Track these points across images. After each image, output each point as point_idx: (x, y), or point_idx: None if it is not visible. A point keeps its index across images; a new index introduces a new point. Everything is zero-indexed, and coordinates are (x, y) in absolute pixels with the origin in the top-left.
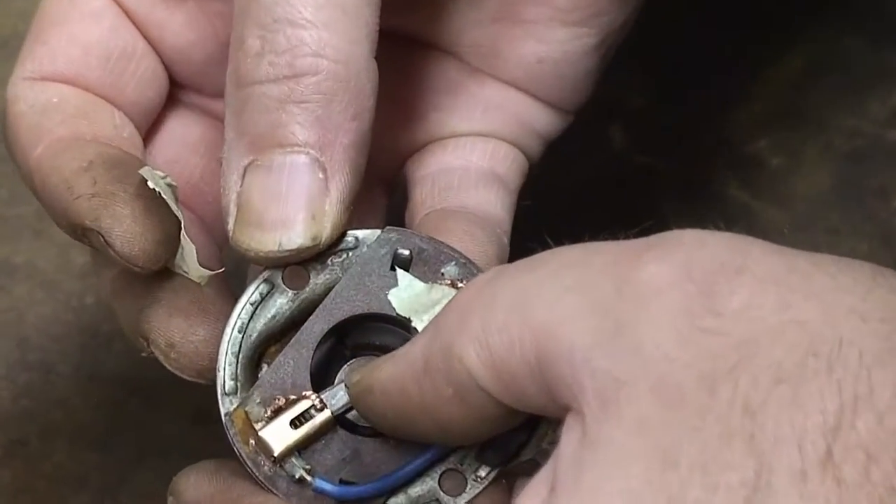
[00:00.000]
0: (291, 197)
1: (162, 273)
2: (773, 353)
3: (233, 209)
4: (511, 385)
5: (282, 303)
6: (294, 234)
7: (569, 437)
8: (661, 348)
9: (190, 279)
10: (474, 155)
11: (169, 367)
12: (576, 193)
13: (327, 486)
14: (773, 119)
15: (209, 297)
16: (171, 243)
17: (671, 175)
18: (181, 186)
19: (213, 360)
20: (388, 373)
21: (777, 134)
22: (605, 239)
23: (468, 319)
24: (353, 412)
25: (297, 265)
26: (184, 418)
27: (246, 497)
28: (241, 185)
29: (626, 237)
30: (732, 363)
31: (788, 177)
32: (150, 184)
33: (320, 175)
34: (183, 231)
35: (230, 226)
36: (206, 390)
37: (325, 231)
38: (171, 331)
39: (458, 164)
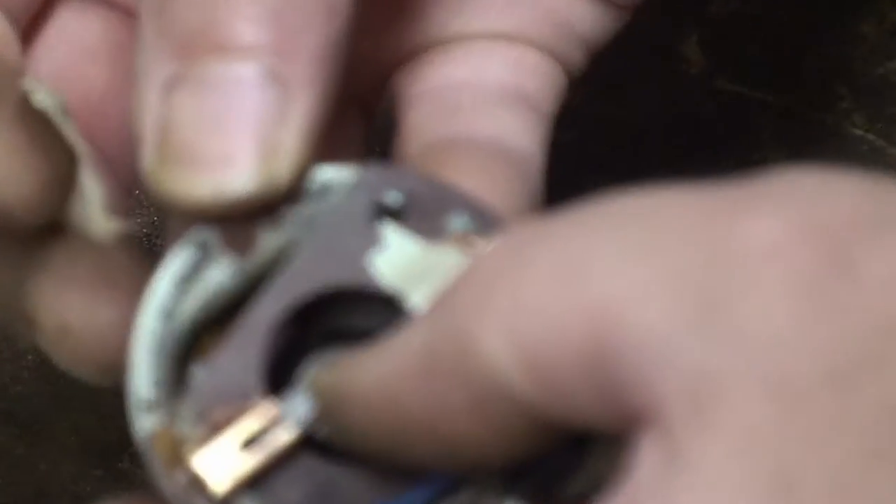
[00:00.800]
0: (235, 122)
1: (51, 230)
2: None
3: (150, 139)
4: (553, 389)
5: (220, 275)
6: (238, 175)
7: (646, 457)
8: (775, 333)
9: (91, 237)
10: (492, 65)
11: (60, 362)
12: (635, 131)
13: None
14: None
15: (119, 264)
16: (64, 186)
17: (768, 108)
18: (74, 107)
19: (124, 354)
20: (372, 373)
21: None
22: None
23: (492, 296)
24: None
25: (240, 221)
26: (75, 453)
27: None
28: (162, 107)
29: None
30: (877, 352)
31: None
32: (37, 101)
33: (276, 92)
34: (84, 167)
35: (146, 162)
36: (105, 410)
37: (283, 171)
38: (65, 309)
39: (470, 77)
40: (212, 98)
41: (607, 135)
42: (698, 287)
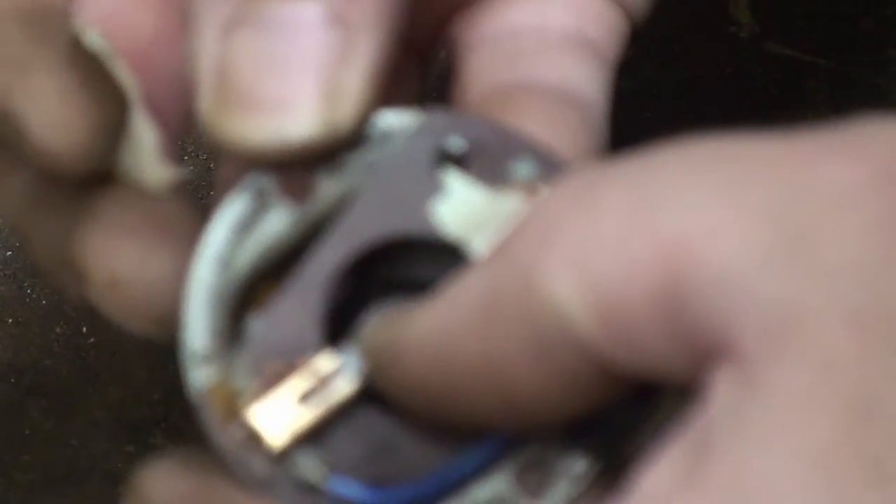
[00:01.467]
0: (296, 65)
1: (101, 177)
2: None
3: (208, 82)
4: (622, 329)
5: (278, 223)
6: (299, 120)
7: (721, 388)
8: (858, 265)
9: (143, 184)
10: (555, 10)
11: (110, 315)
12: (685, 94)
13: (351, 490)
14: None
15: (172, 213)
16: (115, 132)
17: (820, 72)
18: (122, 53)
19: (177, 305)
20: (428, 322)
21: None
22: None
23: (559, 235)
24: None
25: (299, 167)
26: (106, 429)
27: (236, 499)
28: (221, 48)
29: None
30: None
31: None
32: (89, 41)
33: (339, 34)
34: (136, 111)
35: (204, 106)
36: (137, 384)
37: (345, 116)
38: (116, 259)
39: (532, 21)
40: (273, 39)
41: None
42: (779, 221)
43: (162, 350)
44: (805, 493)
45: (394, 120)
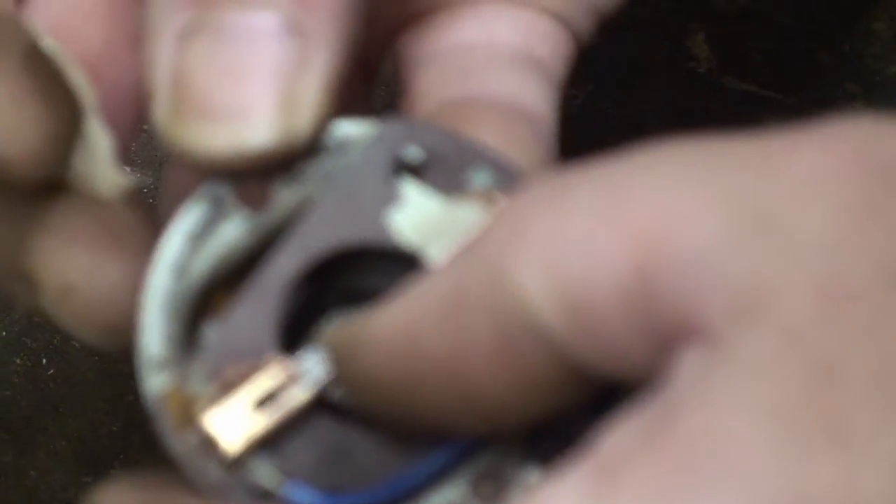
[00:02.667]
0: (253, 73)
1: (54, 185)
2: None
3: (164, 91)
4: (589, 322)
5: (234, 231)
6: (256, 128)
7: (688, 362)
8: (826, 240)
9: (96, 192)
10: (502, 27)
11: (63, 324)
12: (641, 128)
13: (306, 497)
14: None
15: (126, 220)
16: (69, 139)
17: (777, 106)
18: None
19: (130, 313)
20: (392, 316)
21: None
22: None
23: (528, 231)
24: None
25: (256, 176)
26: (66, 460)
27: None
28: (177, 57)
29: None
30: None
31: None
32: (45, 46)
33: (296, 43)
34: (91, 118)
35: (160, 114)
36: (96, 416)
37: (302, 125)
38: (69, 268)
39: (480, 39)
40: (230, 48)
41: (615, 131)
42: (747, 205)
43: (121, 381)
44: (766, 450)
45: (351, 129)
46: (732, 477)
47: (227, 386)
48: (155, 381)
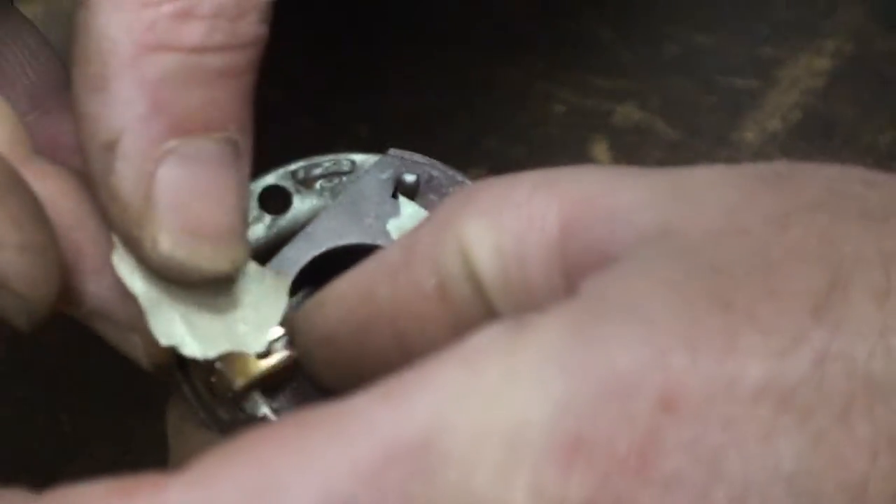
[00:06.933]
0: (226, 197)
1: None
2: (864, 193)
3: (161, 212)
4: (513, 271)
5: (256, 230)
6: (242, 248)
7: (591, 276)
8: (727, 200)
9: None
10: None
11: None
12: None
13: None
14: None
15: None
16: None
17: None
18: None
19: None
20: (350, 278)
21: None
22: None
23: (479, 196)
24: None
25: (279, 188)
26: None
27: None
28: (158, 180)
29: None
30: (810, 202)
31: None
32: None
33: (240, 162)
34: None
35: (158, 236)
36: None
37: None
38: None
39: None
40: (206, 173)
41: None
42: (669, 184)
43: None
44: (662, 307)
45: (358, 157)
46: (635, 321)
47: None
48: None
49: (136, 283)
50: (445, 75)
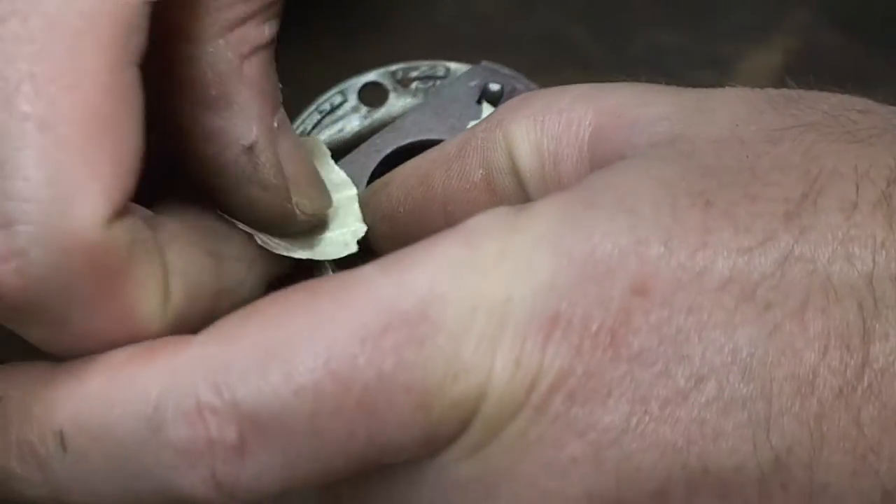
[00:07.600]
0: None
1: None
2: (856, 119)
3: (295, 181)
4: (548, 168)
5: (352, 118)
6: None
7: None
8: (736, 115)
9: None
10: None
11: None
12: None
13: None
14: None
15: None
16: None
17: None
18: None
19: None
20: (414, 163)
21: None
22: None
23: (528, 102)
24: None
25: (378, 85)
26: None
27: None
28: (282, 157)
29: None
30: (805, 122)
31: None
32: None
33: None
34: None
35: (301, 200)
36: None
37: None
38: None
39: None
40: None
41: None
42: (692, 103)
43: None
44: (648, 199)
45: (453, 65)
46: (621, 211)
47: None
48: None
49: (285, 249)
50: None
